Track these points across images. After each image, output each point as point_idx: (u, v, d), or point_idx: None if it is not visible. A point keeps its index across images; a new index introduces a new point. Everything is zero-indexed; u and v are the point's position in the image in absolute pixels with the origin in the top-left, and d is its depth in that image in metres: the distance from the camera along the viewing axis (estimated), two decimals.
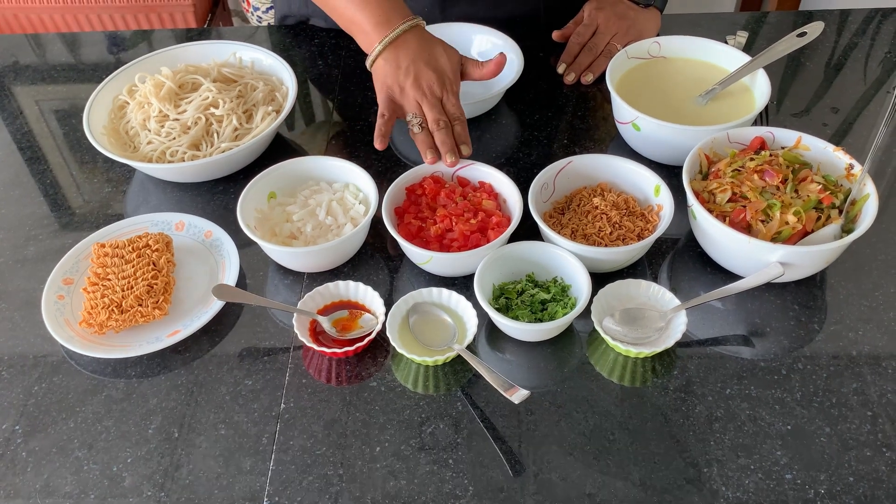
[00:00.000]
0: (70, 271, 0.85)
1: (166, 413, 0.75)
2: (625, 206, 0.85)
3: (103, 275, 0.82)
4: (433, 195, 0.86)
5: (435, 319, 0.79)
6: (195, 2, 2.07)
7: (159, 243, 0.84)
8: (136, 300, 0.80)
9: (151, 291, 0.81)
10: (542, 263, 0.81)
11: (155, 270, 0.82)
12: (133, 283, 0.81)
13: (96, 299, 0.80)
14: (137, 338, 0.79)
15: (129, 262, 0.83)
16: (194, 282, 0.85)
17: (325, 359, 0.79)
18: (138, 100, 0.97)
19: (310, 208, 0.86)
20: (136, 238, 0.85)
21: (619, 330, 0.77)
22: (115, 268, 0.83)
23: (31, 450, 0.73)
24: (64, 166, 1.01)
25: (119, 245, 0.84)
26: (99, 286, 0.81)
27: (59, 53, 1.22)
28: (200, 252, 0.87)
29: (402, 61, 0.89)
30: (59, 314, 0.81)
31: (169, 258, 0.84)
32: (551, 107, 1.06)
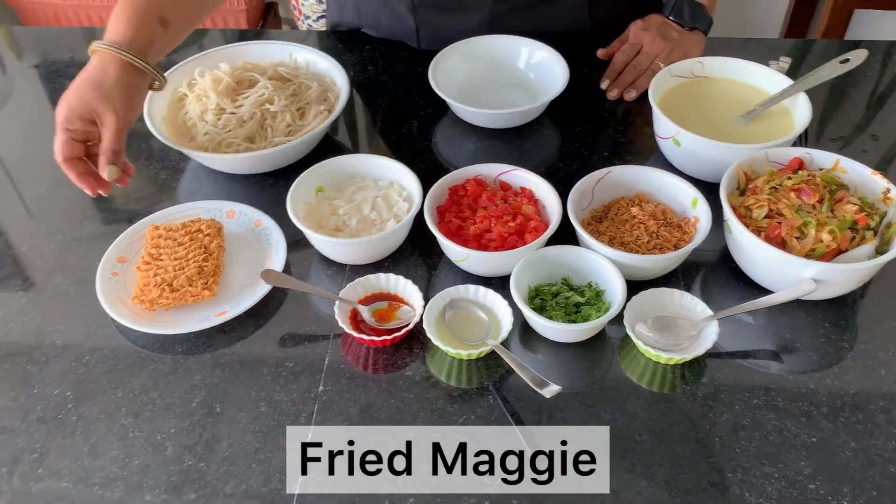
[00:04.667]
0: (125, 251, 0.89)
1: (210, 388, 0.78)
2: (662, 216, 0.87)
3: (156, 255, 0.86)
4: (475, 196, 0.89)
5: (470, 315, 0.82)
6: (248, 7, 2.13)
7: (211, 228, 0.88)
8: (187, 280, 0.83)
9: (201, 273, 0.84)
10: (578, 268, 0.84)
11: (206, 254, 0.86)
12: (185, 264, 0.85)
13: (149, 278, 0.84)
14: (186, 316, 0.83)
15: (181, 245, 0.87)
16: (242, 267, 0.89)
17: (363, 346, 0.81)
18: (197, 93, 1.01)
19: (356, 203, 0.90)
20: (189, 222, 0.89)
21: (651, 336, 0.79)
22: (168, 249, 0.86)
23: (81, 415, 0.76)
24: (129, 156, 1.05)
25: (173, 228, 0.88)
26: (152, 265, 0.85)
27: None
28: (249, 240, 0.91)
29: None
30: (112, 290, 0.84)
31: (220, 243, 0.88)
32: (593, 120, 1.08)
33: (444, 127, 1.08)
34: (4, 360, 0.81)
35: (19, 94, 1.20)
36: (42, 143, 1.08)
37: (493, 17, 1.15)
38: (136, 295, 0.83)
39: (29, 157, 1.06)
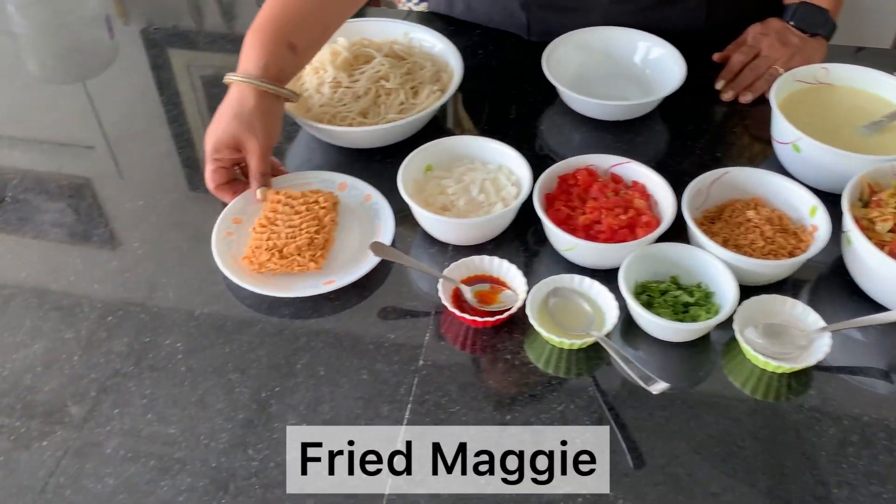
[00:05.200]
0: (241, 212, 0.91)
1: (314, 353, 0.79)
2: (778, 222, 0.85)
3: (272, 219, 0.88)
4: (585, 186, 0.88)
5: (574, 305, 0.82)
6: None
7: (328, 202, 0.90)
8: (297, 249, 0.85)
9: (311, 245, 0.86)
10: (688, 267, 0.82)
11: (319, 226, 0.87)
12: (297, 233, 0.86)
13: (261, 241, 0.86)
14: (293, 282, 0.85)
15: (297, 213, 0.88)
16: (350, 240, 0.90)
17: (463, 326, 0.82)
18: (314, 65, 1.03)
19: (464, 184, 0.90)
20: (309, 192, 0.91)
21: (761, 342, 0.77)
22: (283, 216, 0.88)
23: (190, 366, 0.79)
24: None
25: (293, 196, 0.90)
26: (267, 229, 0.87)
27: (216, 22, 1.31)
28: (358, 213, 0.92)
29: None
30: (226, 248, 0.87)
31: (333, 217, 0.89)
32: (706, 119, 1.06)
33: (552, 115, 1.08)
34: (119, 308, 0.84)
35: (123, 58, 1.24)
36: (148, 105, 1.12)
37: (608, 18, 1.13)
38: (247, 255, 0.86)
39: (140, 116, 1.10)
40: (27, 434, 0.74)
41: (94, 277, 0.87)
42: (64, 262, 0.89)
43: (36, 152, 1.05)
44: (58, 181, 1.00)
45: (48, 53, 1.28)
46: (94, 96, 1.16)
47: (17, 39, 1.31)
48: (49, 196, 0.98)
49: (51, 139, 1.08)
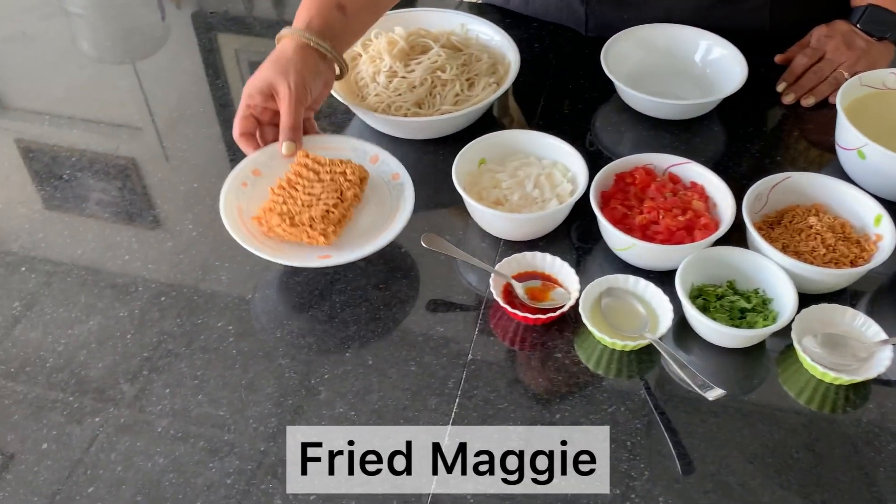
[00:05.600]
0: (263, 165, 0.89)
1: (363, 341, 0.79)
2: (841, 230, 0.82)
3: (293, 183, 0.85)
4: (643, 186, 0.87)
5: (627, 306, 0.80)
6: None
7: (355, 176, 0.86)
8: (310, 220, 0.82)
9: (326, 218, 0.83)
10: (746, 272, 0.80)
11: (339, 199, 0.84)
12: (314, 202, 0.83)
13: (276, 203, 0.83)
14: (288, 249, 0.82)
15: (320, 182, 0.85)
16: (364, 216, 0.87)
17: (512, 322, 0.81)
18: (371, 54, 1.03)
19: (518, 179, 0.89)
20: (338, 162, 0.87)
21: (819, 352, 0.75)
22: (305, 181, 0.85)
23: (241, 350, 0.79)
24: None
25: (320, 162, 0.87)
26: (284, 192, 0.84)
27: (266, 8, 1.31)
28: (381, 190, 0.89)
29: None
30: (235, 199, 0.85)
31: (357, 193, 0.86)
32: (765, 122, 1.04)
33: (608, 112, 1.06)
34: (173, 289, 0.85)
35: (173, 41, 1.25)
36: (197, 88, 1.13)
37: (668, 14, 1.11)
38: (258, 215, 0.83)
39: (191, 99, 1.11)
40: (80, 409, 0.75)
41: (147, 258, 0.88)
42: (118, 241, 0.90)
43: (92, 132, 1.07)
44: (113, 161, 1.02)
45: (102, 34, 1.30)
46: (144, 77, 1.17)
47: (72, 20, 1.33)
48: (104, 175, 1.00)
49: (106, 119, 1.09)
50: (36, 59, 1.20)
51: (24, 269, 0.87)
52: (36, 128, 1.07)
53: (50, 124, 1.08)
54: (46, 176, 0.99)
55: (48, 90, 1.14)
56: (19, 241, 0.90)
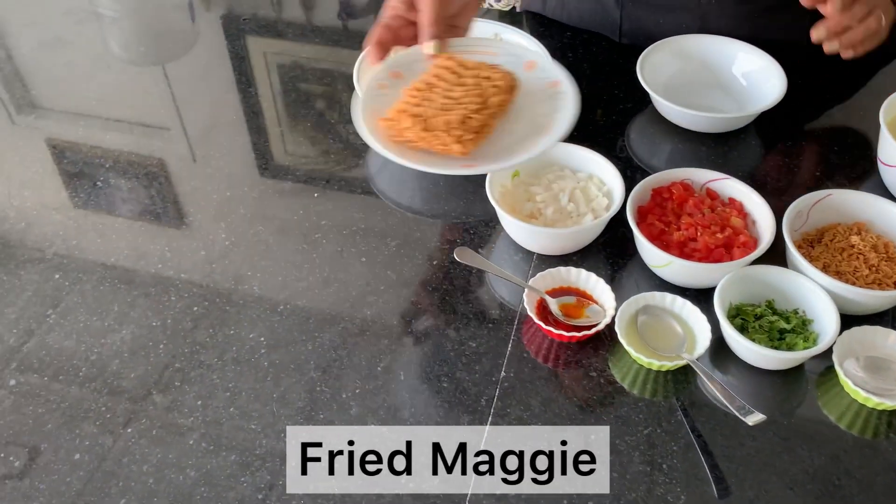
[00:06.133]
0: (405, 67, 0.82)
1: (395, 356, 0.79)
2: (884, 249, 0.81)
3: (432, 85, 0.79)
4: (680, 202, 0.85)
5: (664, 325, 0.79)
6: None
7: (504, 82, 0.79)
8: (445, 124, 0.75)
9: (464, 124, 0.75)
10: (786, 292, 0.79)
11: (481, 106, 0.77)
12: (453, 106, 0.76)
13: (409, 106, 0.77)
14: (428, 156, 0.75)
15: (462, 86, 0.78)
16: (513, 125, 0.78)
17: (546, 339, 0.80)
18: None
19: (553, 192, 0.88)
20: (485, 66, 0.80)
21: (862, 376, 0.73)
22: (445, 83, 0.79)
23: (272, 361, 0.79)
24: (324, 115, 1.09)
25: (464, 65, 0.80)
26: (420, 94, 0.78)
27: (295, 11, 1.31)
28: (536, 98, 0.80)
29: None
30: (373, 101, 0.79)
31: (503, 102, 0.77)
32: (805, 136, 1.02)
33: (642, 124, 1.05)
34: (205, 298, 0.85)
35: (203, 44, 1.25)
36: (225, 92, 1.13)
37: (704, 20, 1.10)
38: (389, 115, 0.76)
39: (221, 105, 1.11)
40: (112, 420, 0.75)
41: (180, 266, 0.88)
42: (151, 249, 0.90)
43: (125, 135, 1.07)
44: (145, 166, 1.02)
45: (133, 37, 1.31)
46: (174, 81, 1.17)
47: (104, 23, 1.33)
48: (136, 180, 1.00)
49: (137, 122, 1.10)
50: (70, 63, 1.21)
51: (58, 277, 0.87)
52: (69, 130, 1.08)
53: (84, 127, 1.08)
54: (79, 180, 1.00)
55: (81, 93, 1.15)
56: (53, 247, 0.91)
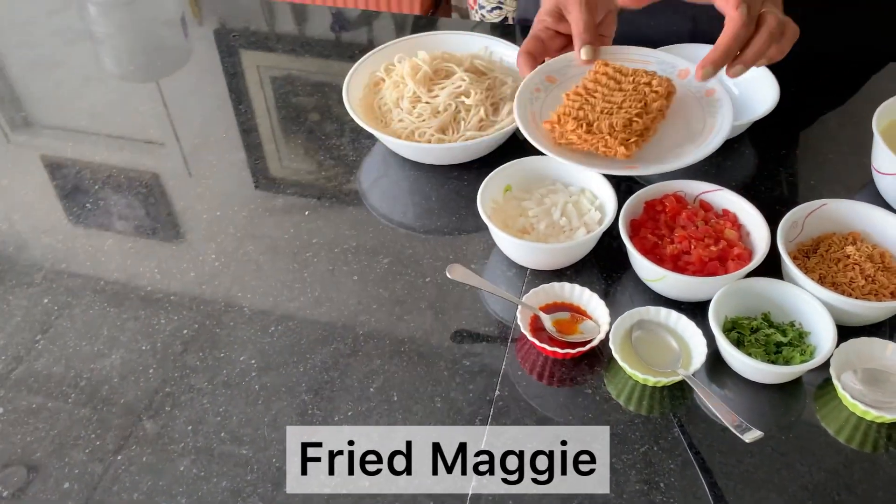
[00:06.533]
0: (558, 72, 0.87)
1: (388, 376, 0.78)
2: (880, 259, 0.80)
3: (591, 90, 0.82)
4: (673, 214, 0.84)
5: (659, 339, 0.78)
6: None
7: (662, 88, 0.82)
8: (609, 128, 0.78)
9: (628, 127, 0.78)
10: (782, 304, 0.78)
11: (643, 110, 0.80)
12: (614, 110, 0.79)
13: (572, 109, 0.80)
14: (592, 159, 0.79)
15: (622, 91, 0.81)
16: (671, 130, 0.82)
17: (541, 356, 0.79)
18: (394, 79, 1.02)
19: (545, 207, 0.87)
20: (642, 72, 0.83)
21: (860, 389, 0.72)
22: (605, 89, 0.81)
23: (264, 384, 0.78)
24: (314, 131, 1.08)
25: (623, 71, 0.83)
26: (581, 98, 0.81)
27: (287, 24, 1.31)
28: (690, 106, 0.85)
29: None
30: (528, 105, 0.84)
31: (663, 106, 0.81)
32: (799, 144, 1.01)
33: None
34: (195, 321, 0.84)
35: (196, 59, 1.25)
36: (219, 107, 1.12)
37: (696, 20, 1.09)
38: (552, 119, 0.80)
39: (214, 120, 1.10)
40: (102, 447, 0.74)
41: (170, 288, 0.87)
42: (141, 270, 0.90)
43: (117, 151, 1.06)
44: (136, 184, 1.01)
45: (126, 53, 1.31)
46: (168, 96, 1.17)
47: (96, 41, 1.33)
48: (127, 200, 0.99)
49: (130, 138, 1.09)
50: (63, 82, 1.21)
51: (47, 301, 0.87)
52: (62, 146, 1.07)
53: (78, 144, 1.08)
54: (73, 198, 0.99)
55: (75, 111, 1.14)
56: (43, 271, 0.90)
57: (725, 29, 0.79)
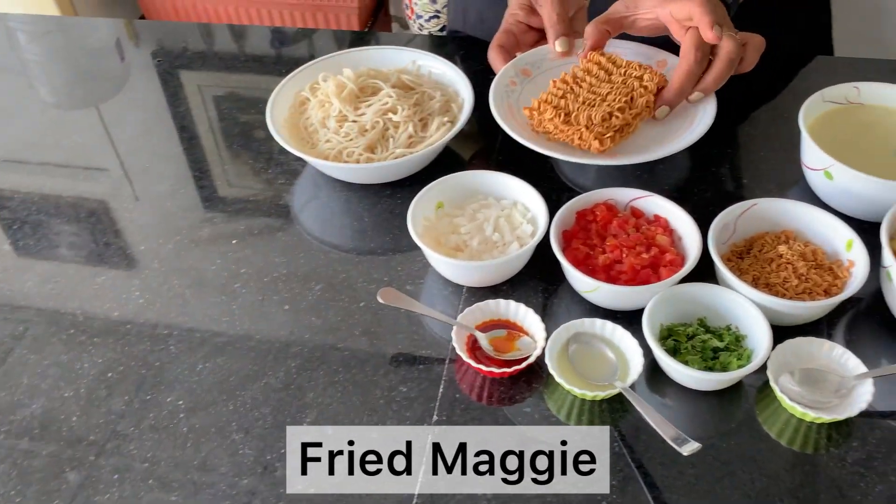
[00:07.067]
0: (533, 65, 0.86)
1: (321, 409, 0.75)
2: (812, 257, 0.79)
3: (579, 79, 0.80)
4: (604, 223, 0.83)
5: (595, 352, 0.77)
6: (360, 4, 2.13)
7: (653, 83, 0.80)
8: (587, 120, 0.76)
9: (607, 122, 0.76)
10: (717, 309, 0.77)
11: (626, 105, 0.78)
12: (597, 102, 0.77)
13: (554, 96, 0.78)
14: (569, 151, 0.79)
15: (610, 83, 0.79)
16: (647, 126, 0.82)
17: (479, 376, 0.77)
18: (319, 98, 0.99)
19: (477, 222, 0.86)
20: (636, 65, 0.81)
21: (797, 390, 0.72)
22: (593, 79, 0.80)
23: (192, 426, 0.75)
24: (237, 157, 1.05)
25: (616, 62, 0.81)
26: (566, 87, 0.79)
27: (226, 43, 1.28)
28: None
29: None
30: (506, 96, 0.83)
31: (650, 103, 0.80)
32: (731, 143, 1.01)
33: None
34: (120, 363, 0.81)
35: (135, 81, 1.22)
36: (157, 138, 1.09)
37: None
38: (532, 106, 0.79)
39: (145, 152, 1.07)
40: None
41: (93, 329, 0.84)
42: (63, 314, 0.86)
43: (52, 178, 1.03)
44: (66, 218, 0.97)
45: (61, 80, 1.27)
46: (108, 120, 1.13)
47: (29, 68, 1.29)
48: (50, 238, 0.95)
49: (69, 165, 1.05)
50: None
51: None
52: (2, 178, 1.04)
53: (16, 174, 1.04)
54: None
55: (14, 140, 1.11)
56: None
57: (678, 67, 0.81)
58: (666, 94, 0.81)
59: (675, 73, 0.81)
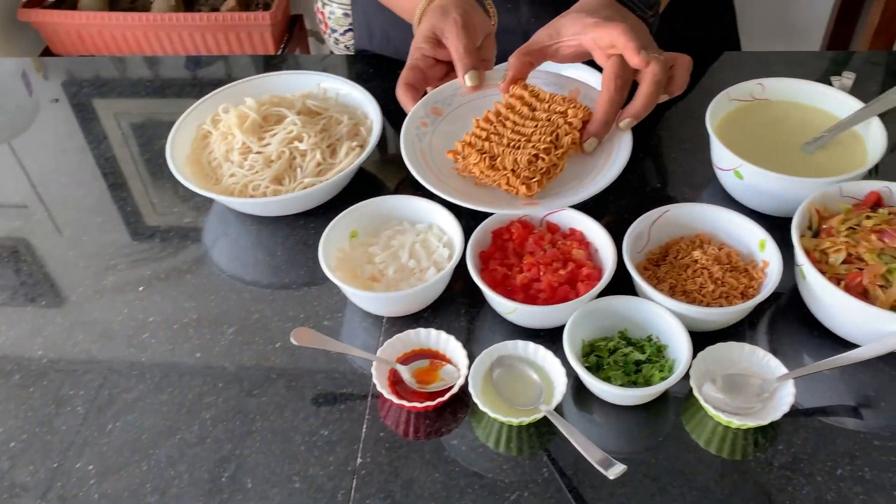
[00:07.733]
0: (444, 102, 0.83)
1: (240, 461, 0.72)
2: (727, 260, 0.79)
3: (503, 117, 0.77)
4: (521, 241, 0.82)
5: (520, 375, 0.75)
6: (273, 21, 2.09)
7: (577, 119, 0.77)
8: (513, 164, 0.73)
9: (533, 165, 0.74)
10: (637, 320, 0.77)
11: (552, 145, 0.75)
12: (522, 144, 0.75)
13: (478, 138, 0.75)
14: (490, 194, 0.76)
15: (534, 120, 0.76)
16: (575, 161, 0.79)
17: (404, 411, 0.75)
18: (222, 130, 0.96)
19: (392, 250, 0.83)
20: (560, 99, 0.78)
21: (721, 398, 0.71)
22: (518, 116, 0.77)
23: (104, 492, 0.71)
24: (145, 193, 1.01)
25: (539, 97, 0.78)
26: (491, 125, 0.76)
27: (140, 70, 1.23)
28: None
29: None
30: (418, 141, 0.79)
31: (576, 140, 0.77)
32: (643, 148, 1.01)
33: None
34: (22, 430, 0.76)
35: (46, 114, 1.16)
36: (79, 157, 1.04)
37: (527, 36, 1.07)
38: (455, 149, 0.76)
39: (54, 195, 1.02)
40: None
41: None
42: None
43: None
44: None
45: None
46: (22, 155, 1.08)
47: None
48: None
49: None
50: None
51: None
52: None
53: None
54: None
55: None
56: None
57: (601, 97, 0.79)
58: (592, 127, 0.80)
59: (598, 103, 0.79)
